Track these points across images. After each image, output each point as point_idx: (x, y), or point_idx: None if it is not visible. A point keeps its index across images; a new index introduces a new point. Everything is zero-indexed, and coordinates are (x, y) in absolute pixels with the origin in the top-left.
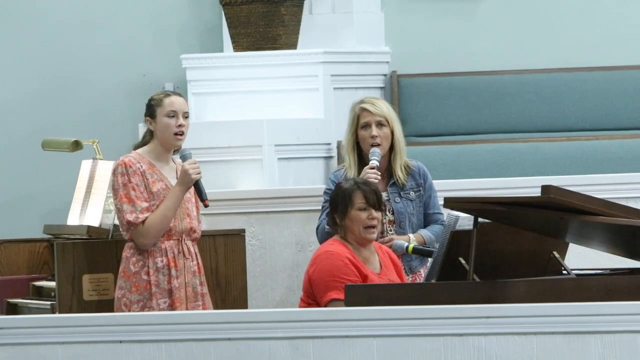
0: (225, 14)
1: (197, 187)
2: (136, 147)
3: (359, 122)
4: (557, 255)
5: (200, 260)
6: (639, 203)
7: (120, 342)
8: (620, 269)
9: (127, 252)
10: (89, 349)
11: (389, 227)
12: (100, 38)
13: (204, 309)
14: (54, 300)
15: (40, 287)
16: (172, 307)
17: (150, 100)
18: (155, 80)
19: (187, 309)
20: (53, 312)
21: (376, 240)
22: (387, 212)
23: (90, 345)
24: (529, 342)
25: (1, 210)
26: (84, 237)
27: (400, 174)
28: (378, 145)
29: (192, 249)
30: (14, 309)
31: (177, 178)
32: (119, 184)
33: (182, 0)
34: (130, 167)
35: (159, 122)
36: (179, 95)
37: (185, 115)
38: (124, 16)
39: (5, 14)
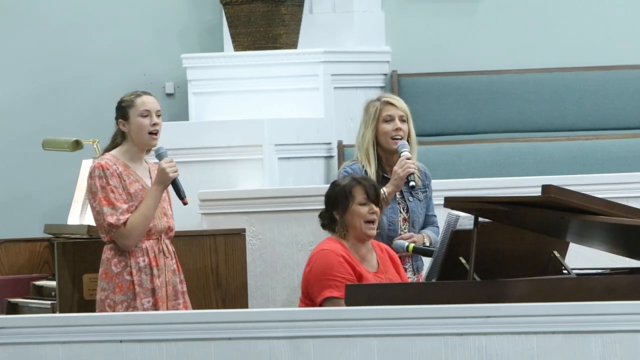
0: (225, 14)
1: (175, 185)
2: (107, 149)
3: (381, 115)
4: (557, 254)
5: (177, 259)
6: (639, 203)
7: (120, 341)
8: (620, 269)
9: (107, 253)
10: (89, 348)
11: (403, 225)
12: (100, 38)
13: (184, 307)
14: (55, 300)
15: (41, 287)
16: (155, 306)
17: (121, 102)
18: (156, 79)
19: (167, 307)
20: (53, 312)
21: (392, 239)
22: (402, 210)
23: (91, 344)
24: (530, 341)
25: (1, 210)
26: (85, 237)
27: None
28: (401, 138)
29: (170, 247)
30: (14, 309)
31: (151, 178)
32: (97, 187)
33: (183, 0)
34: (107, 169)
35: (132, 123)
36: (150, 94)
37: (158, 114)
38: (124, 16)
39: (5, 14)
